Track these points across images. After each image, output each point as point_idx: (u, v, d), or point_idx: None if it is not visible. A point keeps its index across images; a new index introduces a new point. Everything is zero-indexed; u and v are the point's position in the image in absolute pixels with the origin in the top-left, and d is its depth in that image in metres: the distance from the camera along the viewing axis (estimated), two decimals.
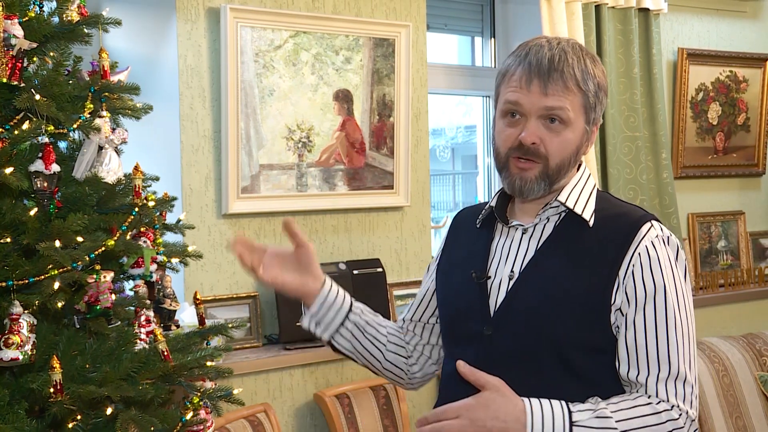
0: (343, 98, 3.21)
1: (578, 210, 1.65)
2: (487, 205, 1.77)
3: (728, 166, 4.35)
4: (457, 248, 1.82)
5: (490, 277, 1.68)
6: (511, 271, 1.66)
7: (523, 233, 1.69)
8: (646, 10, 3.81)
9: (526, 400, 1.51)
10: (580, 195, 1.67)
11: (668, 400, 1.54)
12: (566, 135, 1.63)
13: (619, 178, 3.70)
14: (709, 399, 3.49)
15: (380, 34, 3.26)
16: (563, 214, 1.68)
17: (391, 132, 3.31)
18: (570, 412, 1.51)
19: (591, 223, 1.65)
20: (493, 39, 3.96)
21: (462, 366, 1.55)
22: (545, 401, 1.52)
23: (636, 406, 1.53)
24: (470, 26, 3.97)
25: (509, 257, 1.68)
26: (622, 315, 1.60)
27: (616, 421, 1.51)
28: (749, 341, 3.81)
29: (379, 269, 3.25)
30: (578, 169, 1.72)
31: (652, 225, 1.64)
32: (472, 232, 1.79)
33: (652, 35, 3.82)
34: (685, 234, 4.20)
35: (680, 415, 1.54)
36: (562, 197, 1.66)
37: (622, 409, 1.53)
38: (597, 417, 1.50)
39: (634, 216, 1.66)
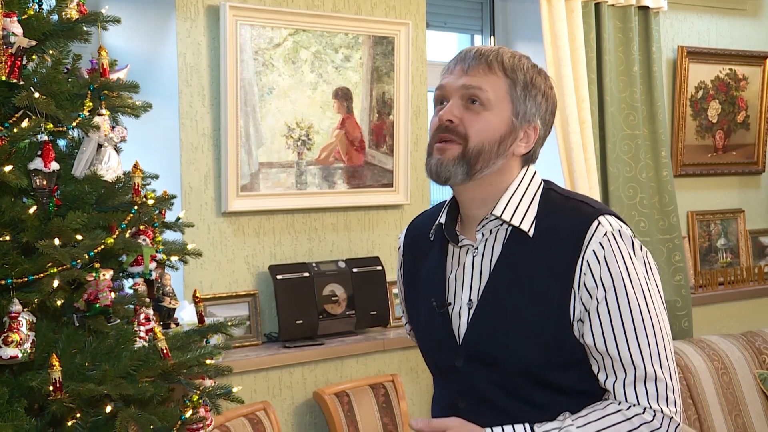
0: (343, 96, 3.21)
1: (516, 222, 1.57)
2: (436, 222, 1.69)
3: (728, 164, 4.35)
4: (417, 269, 1.75)
5: (450, 304, 1.63)
6: (469, 299, 1.60)
7: (474, 255, 1.62)
8: (646, 8, 3.80)
9: (488, 430, 1.50)
10: (519, 203, 1.59)
11: (639, 403, 1.49)
12: (487, 117, 1.56)
13: (618, 176, 3.70)
14: (708, 397, 3.49)
15: (380, 32, 3.26)
16: (509, 229, 1.60)
17: (391, 130, 3.31)
18: None
19: (531, 234, 1.57)
20: (492, 37, 3.96)
21: (415, 424, 1.53)
22: (508, 427, 1.50)
23: (606, 416, 1.49)
24: (470, 24, 3.97)
25: (465, 282, 1.62)
26: (583, 322, 1.54)
27: None
28: (749, 339, 3.81)
29: (379, 267, 3.24)
30: (519, 174, 1.62)
31: (599, 222, 1.54)
32: (426, 248, 1.72)
33: (651, 33, 3.82)
34: (684, 232, 4.20)
35: (654, 416, 1.48)
36: (497, 210, 1.58)
37: (591, 422, 1.49)
38: None
39: (580, 217, 1.57)
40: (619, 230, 1.54)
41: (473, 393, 1.60)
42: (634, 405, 1.49)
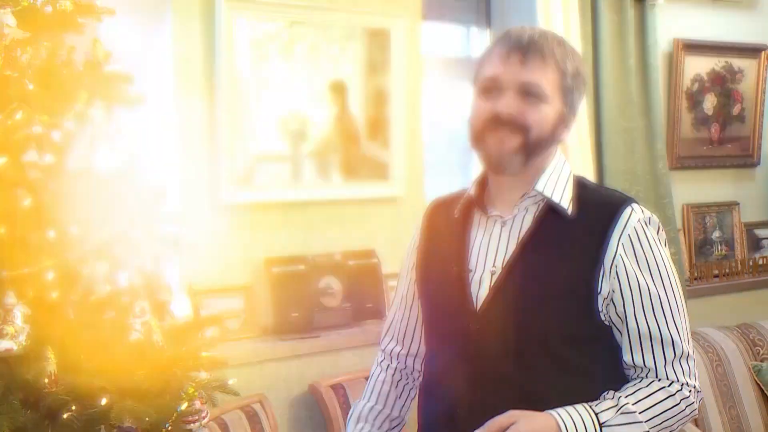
0: (338, 89, 3.20)
1: (556, 199, 1.63)
2: (466, 194, 1.73)
3: (723, 157, 4.35)
4: (436, 240, 1.79)
5: (471, 271, 1.66)
6: (494, 266, 1.64)
7: (502, 226, 1.67)
8: (642, 0, 3.80)
9: (553, 413, 1.52)
10: (557, 183, 1.65)
11: (678, 380, 1.60)
12: (544, 109, 1.61)
13: (614, 168, 3.70)
14: (702, 388, 3.48)
15: (375, 24, 3.25)
16: (541, 204, 1.65)
17: (386, 123, 3.31)
18: (596, 414, 1.52)
19: (569, 211, 1.63)
20: (488, 29, 3.95)
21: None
22: (570, 409, 1.53)
23: (652, 394, 1.57)
24: (466, 16, 3.95)
25: (489, 251, 1.66)
26: (614, 305, 1.60)
27: (640, 413, 1.54)
28: (743, 331, 3.82)
29: (374, 260, 3.25)
30: (555, 156, 1.69)
31: (633, 209, 1.63)
32: (449, 222, 1.76)
33: (647, 26, 3.82)
34: (679, 224, 4.21)
35: (690, 391, 1.61)
36: (539, 186, 1.64)
37: (640, 400, 1.56)
38: (622, 413, 1.53)
39: (614, 201, 1.65)
40: (650, 218, 1.65)
41: (481, 360, 1.61)
42: (674, 382, 1.60)
